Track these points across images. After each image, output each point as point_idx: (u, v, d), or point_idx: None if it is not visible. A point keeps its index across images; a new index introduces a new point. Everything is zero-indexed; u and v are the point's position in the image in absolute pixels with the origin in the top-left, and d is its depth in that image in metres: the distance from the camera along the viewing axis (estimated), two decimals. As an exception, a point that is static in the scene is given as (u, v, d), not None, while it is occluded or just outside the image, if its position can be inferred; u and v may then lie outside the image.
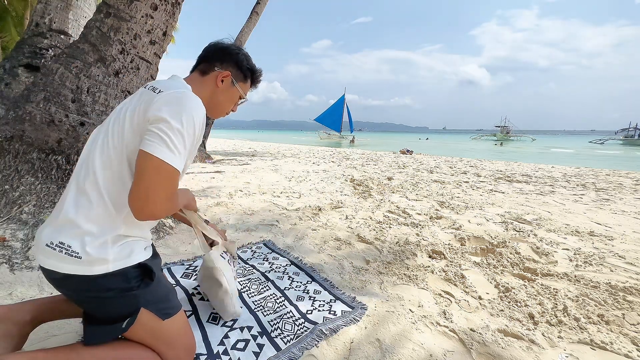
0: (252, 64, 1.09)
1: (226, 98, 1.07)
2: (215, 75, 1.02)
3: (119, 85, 2.11)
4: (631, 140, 44.09)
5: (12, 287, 1.35)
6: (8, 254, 1.53)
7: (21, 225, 1.70)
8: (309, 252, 1.98)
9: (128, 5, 2.05)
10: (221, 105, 1.08)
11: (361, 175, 5.56)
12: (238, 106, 1.15)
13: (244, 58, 1.07)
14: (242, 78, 1.08)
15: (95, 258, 0.79)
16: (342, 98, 44.38)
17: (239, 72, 1.06)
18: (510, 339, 1.20)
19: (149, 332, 0.89)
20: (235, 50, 1.06)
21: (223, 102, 1.07)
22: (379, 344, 1.15)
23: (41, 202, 1.82)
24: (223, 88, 1.04)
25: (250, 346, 1.10)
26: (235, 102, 1.11)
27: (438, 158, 10.68)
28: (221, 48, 1.05)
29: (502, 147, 27.54)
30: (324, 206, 3.12)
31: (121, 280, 0.84)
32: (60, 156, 1.97)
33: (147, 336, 0.89)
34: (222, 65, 1.03)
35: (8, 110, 2.05)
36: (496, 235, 2.37)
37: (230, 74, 1.04)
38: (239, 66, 1.06)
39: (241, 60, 1.06)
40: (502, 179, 5.68)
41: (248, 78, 1.10)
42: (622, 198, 4.14)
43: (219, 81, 1.03)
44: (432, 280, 1.67)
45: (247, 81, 1.10)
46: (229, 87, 1.05)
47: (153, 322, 0.89)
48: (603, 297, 1.52)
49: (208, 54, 1.05)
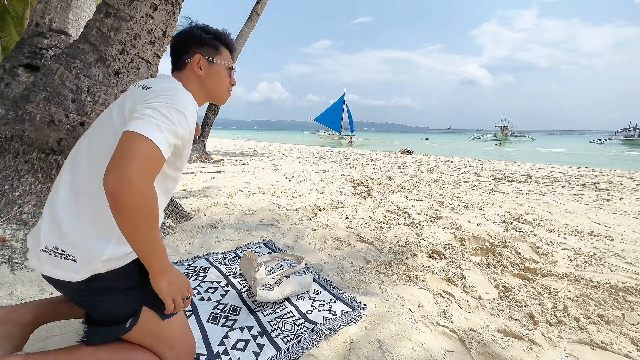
0: (213, 32, 1.03)
1: (215, 79, 1.03)
2: (190, 67, 0.99)
3: (119, 85, 2.11)
4: (631, 140, 44.06)
5: (12, 287, 1.35)
6: (8, 254, 1.53)
7: (21, 225, 1.70)
8: (309, 252, 1.98)
9: (128, 5, 2.05)
10: (215, 88, 1.05)
11: (361, 175, 5.56)
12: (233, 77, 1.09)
13: (201, 32, 1.01)
14: (213, 51, 1.02)
15: (91, 259, 0.78)
16: (342, 98, 44.37)
17: (207, 48, 1.01)
18: (510, 339, 1.20)
19: (149, 332, 0.88)
20: (188, 30, 1.01)
21: (215, 84, 1.04)
22: (379, 344, 1.15)
23: (41, 202, 1.82)
24: (205, 72, 1.00)
25: (250, 346, 1.10)
26: (226, 77, 1.05)
27: (438, 158, 10.68)
28: (177, 39, 1.01)
29: (501, 147, 27.49)
30: (324, 206, 3.12)
31: (121, 279, 0.84)
32: (60, 156, 1.97)
33: (146, 337, 0.88)
34: (189, 52, 0.99)
35: (8, 110, 2.05)
36: (496, 235, 2.37)
37: (201, 55, 0.99)
38: (203, 42, 1.00)
39: (200, 36, 1.00)
40: (502, 179, 5.68)
41: (219, 47, 1.03)
42: (622, 198, 4.14)
43: (197, 69, 0.99)
44: (432, 280, 1.66)
45: (220, 51, 1.03)
46: (210, 68, 1.01)
47: (153, 323, 0.88)
48: (603, 297, 1.52)
49: (172, 51, 1.02)
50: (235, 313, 1.28)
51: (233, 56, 1.09)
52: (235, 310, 1.30)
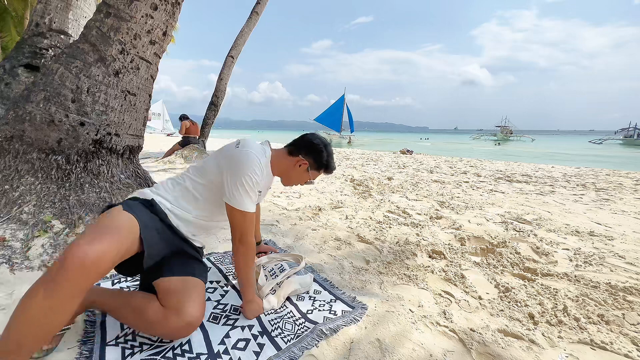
0: (329, 161, 1.36)
1: (297, 177, 1.37)
2: (297, 159, 1.32)
3: (119, 85, 2.11)
4: (631, 140, 44.00)
5: (12, 287, 1.35)
6: (8, 254, 1.53)
7: (21, 225, 1.69)
8: (309, 252, 1.98)
9: (128, 5, 2.05)
10: (291, 179, 1.39)
11: (361, 175, 5.56)
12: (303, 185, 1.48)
13: (326, 156, 1.34)
14: (316, 168, 1.36)
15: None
16: (342, 98, 44.32)
17: (316, 164, 1.34)
18: (510, 339, 1.20)
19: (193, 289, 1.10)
20: (321, 147, 1.33)
21: (293, 178, 1.38)
22: (379, 344, 1.15)
23: (41, 202, 1.82)
24: (299, 170, 1.34)
25: (250, 345, 1.10)
26: (303, 182, 1.38)
27: (438, 158, 10.68)
28: (311, 142, 1.34)
29: (500, 146, 27.42)
30: (324, 206, 3.12)
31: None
32: (60, 156, 1.97)
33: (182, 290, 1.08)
34: (307, 155, 1.32)
35: (8, 110, 2.05)
36: (496, 235, 2.37)
37: (308, 164, 1.32)
38: (318, 161, 1.33)
39: (322, 157, 1.33)
40: (502, 179, 5.68)
41: (321, 170, 1.37)
42: (622, 198, 4.14)
43: (298, 165, 1.33)
44: (432, 280, 1.67)
45: (319, 171, 1.38)
46: (303, 171, 1.34)
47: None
48: (603, 297, 1.52)
49: (301, 142, 1.35)
50: (235, 312, 1.28)
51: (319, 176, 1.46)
52: (235, 309, 1.30)
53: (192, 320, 1.02)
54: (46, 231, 1.69)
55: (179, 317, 1.00)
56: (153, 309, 1.02)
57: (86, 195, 1.96)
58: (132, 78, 2.18)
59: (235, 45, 6.91)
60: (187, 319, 1.01)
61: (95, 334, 1.11)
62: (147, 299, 1.07)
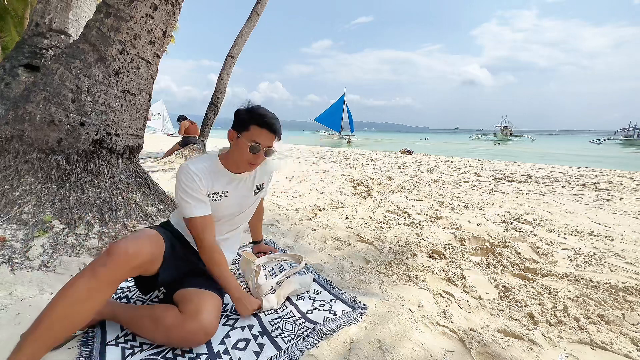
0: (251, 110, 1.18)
1: (239, 154, 1.21)
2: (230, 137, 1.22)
3: (119, 85, 2.11)
4: (631, 140, 43.96)
5: (12, 287, 1.34)
6: (8, 254, 1.53)
7: (21, 225, 1.69)
8: (309, 252, 1.98)
9: (128, 5, 2.04)
10: (234, 159, 1.25)
11: (361, 175, 5.56)
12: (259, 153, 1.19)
13: (244, 111, 1.19)
14: (243, 127, 1.18)
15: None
16: (342, 98, 44.31)
17: (239, 124, 1.19)
18: (510, 339, 1.20)
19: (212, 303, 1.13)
20: (238, 109, 1.21)
21: (236, 156, 1.22)
22: (379, 344, 1.15)
23: (41, 202, 1.82)
24: (233, 145, 1.22)
25: (250, 345, 1.10)
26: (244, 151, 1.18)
27: (438, 158, 10.68)
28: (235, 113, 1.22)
29: (500, 146, 27.40)
30: (324, 206, 3.12)
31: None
32: (60, 156, 1.97)
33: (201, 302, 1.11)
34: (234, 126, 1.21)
35: (8, 110, 2.05)
36: (496, 235, 2.37)
37: (237, 132, 1.19)
38: (238, 119, 1.19)
39: (239, 113, 1.19)
40: (502, 179, 5.68)
41: (251, 124, 1.16)
42: (622, 198, 4.14)
43: (230, 141, 1.23)
44: (432, 280, 1.67)
45: (249, 128, 1.16)
46: (236, 142, 1.20)
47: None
48: (603, 297, 1.52)
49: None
50: (235, 313, 1.28)
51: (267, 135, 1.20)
52: (235, 310, 1.30)
53: (207, 324, 1.04)
54: (46, 231, 1.69)
55: (195, 321, 1.03)
56: (171, 315, 1.05)
57: (86, 195, 1.96)
58: (132, 78, 2.18)
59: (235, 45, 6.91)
60: (203, 323, 1.03)
61: (95, 334, 1.11)
62: (167, 308, 1.10)
